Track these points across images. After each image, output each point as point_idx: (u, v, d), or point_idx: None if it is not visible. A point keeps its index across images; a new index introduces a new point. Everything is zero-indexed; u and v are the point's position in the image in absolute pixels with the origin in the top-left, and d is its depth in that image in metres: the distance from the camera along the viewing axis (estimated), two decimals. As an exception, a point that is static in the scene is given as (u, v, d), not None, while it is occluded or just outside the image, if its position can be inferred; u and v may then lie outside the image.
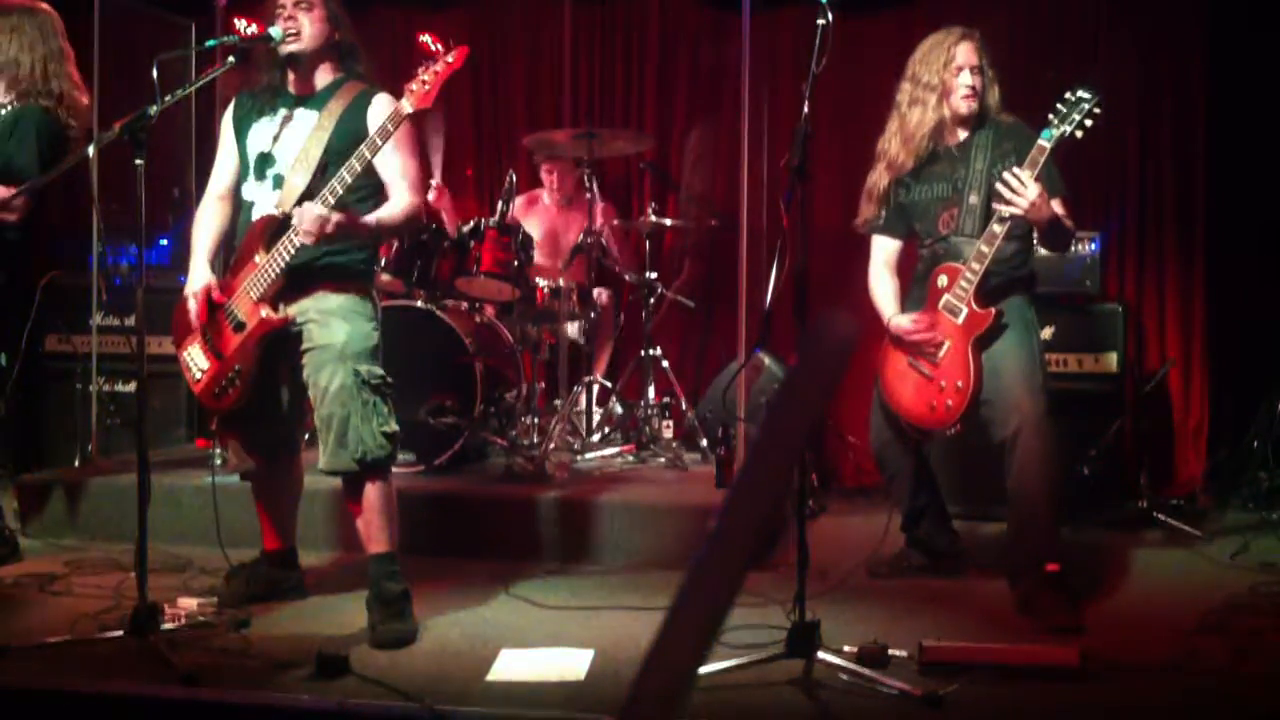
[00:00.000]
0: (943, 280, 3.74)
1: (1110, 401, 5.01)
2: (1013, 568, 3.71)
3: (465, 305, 5.20)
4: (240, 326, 3.46)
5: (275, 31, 3.48)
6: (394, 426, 3.48)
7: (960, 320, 3.69)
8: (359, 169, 3.31)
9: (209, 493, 4.56)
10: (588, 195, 5.36)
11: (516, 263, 5.07)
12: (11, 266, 4.25)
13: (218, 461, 4.99)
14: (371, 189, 3.51)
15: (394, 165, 3.50)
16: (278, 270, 3.38)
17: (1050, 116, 3.53)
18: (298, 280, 3.43)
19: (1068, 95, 3.51)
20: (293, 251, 3.35)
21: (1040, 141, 3.52)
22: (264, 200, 3.52)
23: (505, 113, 6.60)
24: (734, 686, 2.89)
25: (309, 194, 3.39)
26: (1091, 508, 4.90)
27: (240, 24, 3.77)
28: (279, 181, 3.50)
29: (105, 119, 4.66)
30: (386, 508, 3.47)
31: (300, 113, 3.55)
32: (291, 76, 3.58)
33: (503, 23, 6.61)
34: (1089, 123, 3.49)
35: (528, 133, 5.88)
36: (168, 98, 3.32)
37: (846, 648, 3.11)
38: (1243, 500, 5.19)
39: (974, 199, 3.75)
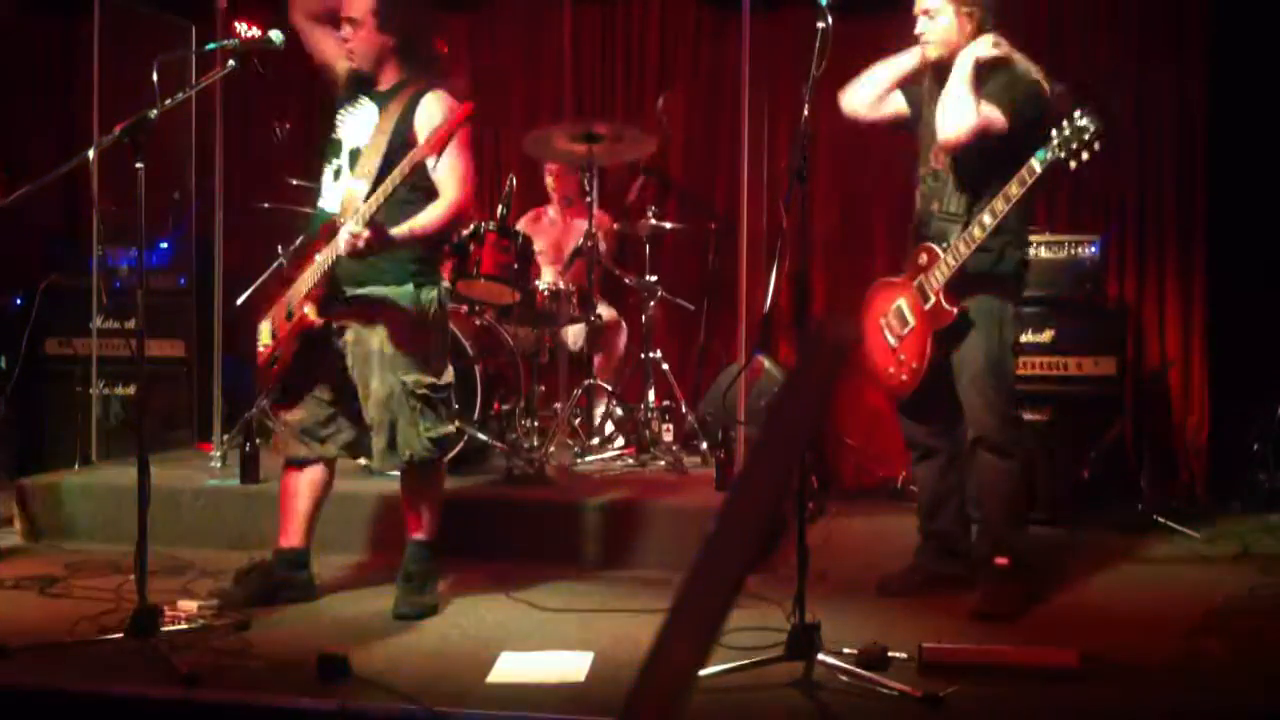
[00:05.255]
0: (923, 259, 3.72)
1: (1110, 403, 5.01)
2: (974, 562, 3.82)
3: (465, 308, 5.19)
4: (290, 315, 3.62)
5: (275, 35, 3.57)
6: (442, 430, 3.67)
7: (927, 307, 3.70)
8: (399, 180, 3.39)
9: (209, 495, 4.59)
10: (587, 198, 5.36)
11: (516, 266, 5.07)
12: None
13: (216, 461, 5.00)
14: (424, 193, 3.58)
15: (440, 167, 3.58)
16: (323, 271, 3.52)
17: (1052, 134, 3.41)
18: (354, 280, 3.57)
19: (1065, 120, 3.40)
20: (333, 259, 3.48)
21: (1031, 162, 3.42)
22: (328, 191, 3.68)
23: (505, 115, 6.59)
24: (734, 688, 2.89)
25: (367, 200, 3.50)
26: (1092, 509, 4.91)
27: (240, 27, 3.78)
28: (338, 174, 3.67)
29: (105, 121, 4.67)
30: (431, 501, 3.74)
31: (365, 103, 3.69)
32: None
33: (503, 25, 6.61)
34: (1085, 155, 3.37)
35: (527, 135, 5.88)
36: (168, 101, 3.33)
37: (846, 649, 3.11)
38: (1243, 502, 5.19)
39: (955, 174, 3.67)
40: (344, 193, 3.58)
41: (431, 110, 3.56)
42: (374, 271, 3.57)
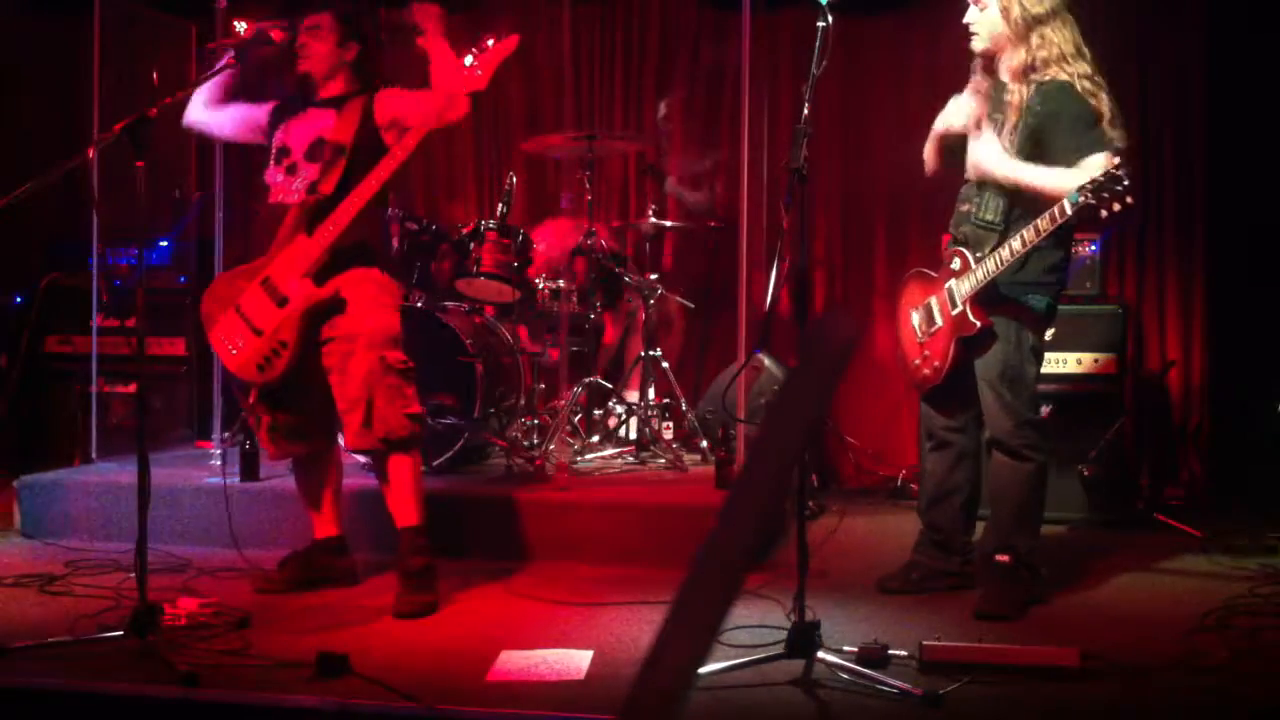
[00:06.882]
0: (956, 264, 3.71)
1: (1110, 402, 5.01)
2: (977, 558, 3.82)
3: (465, 306, 5.19)
4: (284, 301, 3.62)
5: (275, 35, 3.61)
6: (417, 408, 3.69)
7: (954, 313, 3.70)
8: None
9: (208, 493, 4.58)
10: (588, 198, 5.36)
11: (516, 264, 5.07)
12: None
13: (216, 459, 5.00)
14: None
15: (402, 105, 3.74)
16: (322, 250, 3.59)
17: (1092, 178, 3.33)
18: (333, 262, 3.64)
19: (1110, 170, 3.30)
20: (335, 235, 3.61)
21: (1064, 203, 3.35)
22: (284, 186, 3.75)
23: (504, 115, 6.59)
24: (734, 686, 2.89)
25: (341, 186, 3.63)
26: (1092, 508, 4.91)
27: (240, 26, 3.80)
28: (294, 169, 3.74)
29: (105, 121, 4.67)
30: (414, 483, 3.69)
31: (310, 110, 3.79)
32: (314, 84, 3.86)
33: (501, 24, 6.60)
34: (1117, 207, 3.27)
35: (527, 134, 5.88)
36: (167, 99, 3.33)
37: (847, 647, 3.11)
38: (1242, 500, 5.19)
39: (990, 188, 3.64)
40: (304, 184, 3.71)
41: (388, 98, 3.74)
42: (358, 253, 3.68)
